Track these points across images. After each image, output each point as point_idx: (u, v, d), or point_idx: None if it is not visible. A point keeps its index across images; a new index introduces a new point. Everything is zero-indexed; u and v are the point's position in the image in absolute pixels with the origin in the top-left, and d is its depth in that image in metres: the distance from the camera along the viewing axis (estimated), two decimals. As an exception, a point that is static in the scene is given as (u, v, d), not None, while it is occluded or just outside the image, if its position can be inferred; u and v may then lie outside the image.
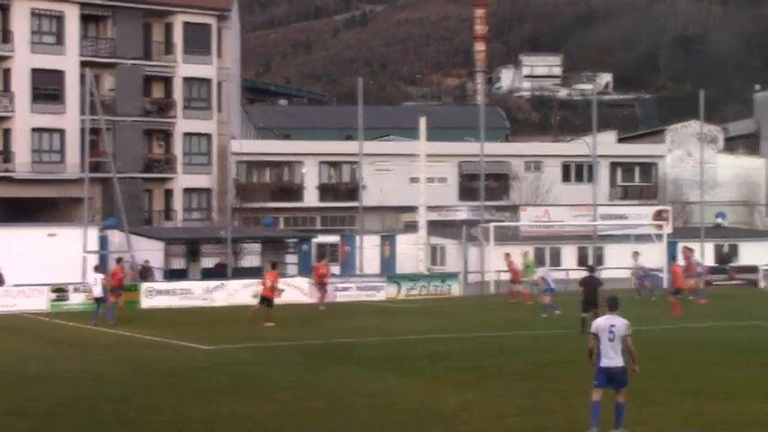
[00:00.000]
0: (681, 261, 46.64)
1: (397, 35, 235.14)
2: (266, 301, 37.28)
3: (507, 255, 50.36)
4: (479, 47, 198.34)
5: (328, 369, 25.33)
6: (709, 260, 58.82)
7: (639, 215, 62.49)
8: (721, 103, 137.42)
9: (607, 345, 16.80)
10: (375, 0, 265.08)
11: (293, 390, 22.01)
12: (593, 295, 32.72)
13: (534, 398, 20.57)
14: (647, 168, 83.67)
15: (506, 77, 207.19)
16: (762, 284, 55.94)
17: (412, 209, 64.12)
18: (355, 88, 56.97)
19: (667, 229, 59.12)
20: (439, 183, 73.10)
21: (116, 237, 54.42)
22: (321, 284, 46.38)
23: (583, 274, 35.78)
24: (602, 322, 17.04)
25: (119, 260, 43.35)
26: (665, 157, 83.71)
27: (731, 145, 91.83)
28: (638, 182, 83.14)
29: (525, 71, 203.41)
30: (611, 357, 16.79)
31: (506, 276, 49.24)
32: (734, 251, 63.83)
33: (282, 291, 39.13)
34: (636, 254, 50.73)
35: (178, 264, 57.40)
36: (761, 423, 18.15)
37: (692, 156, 79.51)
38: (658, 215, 61.06)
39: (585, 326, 32.11)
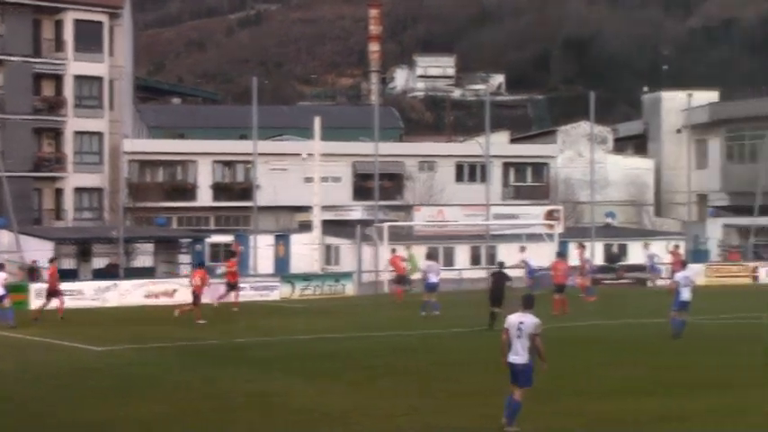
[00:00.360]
0: (576, 258, 47.28)
1: (291, 35, 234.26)
2: (196, 297, 38.13)
3: (392, 250, 50.75)
4: (374, 47, 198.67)
5: (221, 369, 25.31)
6: (599, 259, 59.83)
7: (531, 215, 63.17)
8: (611, 104, 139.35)
9: (515, 341, 17.33)
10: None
11: (185, 390, 21.97)
12: (498, 292, 33.19)
13: (425, 397, 20.82)
14: (539, 168, 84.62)
15: (400, 78, 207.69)
16: (649, 284, 57.01)
17: (306, 208, 64.15)
18: (250, 87, 56.73)
19: (558, 228, 59.91)
20: (333, 182, 73.06)
21: (5, 237, 53.57)
22: (234, 284, 44.63)
23: (489, 271, 36.09)
24: (512, 319, 17.55)
25: (53, 259, 42.40)
26: (557, 157, 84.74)
27: (620, 145, 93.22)
28: (530, 182, 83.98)
29: (419, 71, 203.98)
30: (518, 354, 17.31)
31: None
32: (623, 250, 64.91)
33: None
34: (522, 248, 51.48)
35: (69, 264, 56.60)
36: (642, 421, 18.58)
37: (582, 156, 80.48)
38: (550, 215, 61.83)
39: (494, 321, 32.43)
